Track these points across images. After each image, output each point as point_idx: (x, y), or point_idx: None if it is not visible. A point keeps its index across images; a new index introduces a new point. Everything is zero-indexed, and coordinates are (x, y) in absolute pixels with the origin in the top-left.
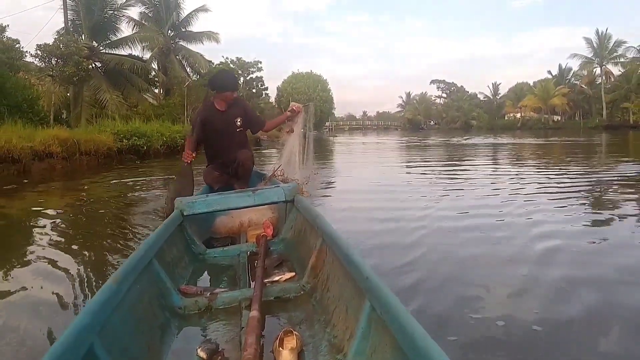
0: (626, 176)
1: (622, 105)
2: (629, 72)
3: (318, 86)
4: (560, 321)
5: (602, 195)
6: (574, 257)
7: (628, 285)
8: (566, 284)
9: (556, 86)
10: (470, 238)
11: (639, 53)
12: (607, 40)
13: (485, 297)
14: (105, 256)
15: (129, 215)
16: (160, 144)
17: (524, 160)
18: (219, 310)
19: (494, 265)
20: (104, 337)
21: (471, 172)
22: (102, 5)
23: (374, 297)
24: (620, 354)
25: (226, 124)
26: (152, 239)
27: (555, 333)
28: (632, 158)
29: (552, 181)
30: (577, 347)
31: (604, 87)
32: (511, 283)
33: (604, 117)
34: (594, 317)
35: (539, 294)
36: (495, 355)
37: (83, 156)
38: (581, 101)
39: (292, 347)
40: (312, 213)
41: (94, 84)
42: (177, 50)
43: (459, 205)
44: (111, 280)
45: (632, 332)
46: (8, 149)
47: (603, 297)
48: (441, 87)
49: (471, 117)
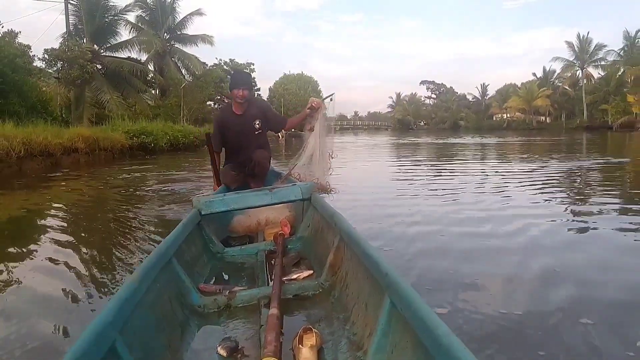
0: (584, 167)
1: (600, 107)
2: (609, 75)
3: (309, 87)
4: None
5: (562, 180)
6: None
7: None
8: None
9: (540, 88)
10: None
11: (619, 56)
12: (587, 44)
13: (457, 254)
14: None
15: (141, 196)
16: (164, 142)
17: (497, 156)
18: (238, 308)
19: (467, 233)
20: (126, 334)
21: (454, 169)
22: (103, 11)
23: (394, 293)
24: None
25: (243, 126)
26: (171, 238)
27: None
28: (586, 154)
29: (517, 173)
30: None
31: (584, 89)
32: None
33: (585, 118)
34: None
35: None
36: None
37: (101, 151)
38: (565, 103)
39: (311, 344)
40: (329, 211)
41: (95, 85)
42: (172, 53)
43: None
44: (132, 279)
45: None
46: (45, 145)
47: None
48: (431, 88)
49: (459, 118)
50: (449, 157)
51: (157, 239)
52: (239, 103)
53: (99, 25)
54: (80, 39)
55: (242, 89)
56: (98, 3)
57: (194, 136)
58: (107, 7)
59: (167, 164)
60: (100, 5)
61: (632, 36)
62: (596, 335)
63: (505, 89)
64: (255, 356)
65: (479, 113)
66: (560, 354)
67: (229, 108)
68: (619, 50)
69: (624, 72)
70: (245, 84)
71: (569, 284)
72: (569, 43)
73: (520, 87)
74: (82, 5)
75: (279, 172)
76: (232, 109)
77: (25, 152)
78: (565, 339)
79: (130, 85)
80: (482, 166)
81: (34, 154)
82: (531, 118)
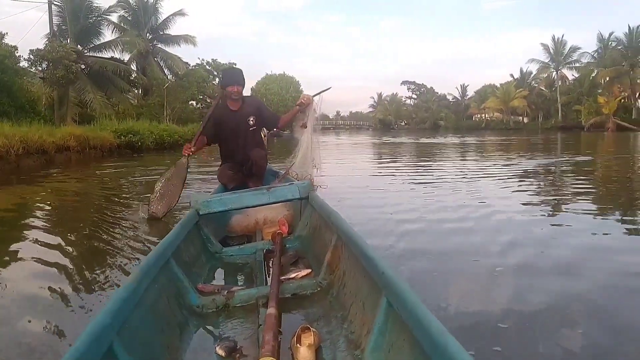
0: (546, 164)
1: (574, 107)
2: (582, 77)
3: (290, 87)
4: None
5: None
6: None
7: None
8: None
9: (517, 89)
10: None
11: (593, 59)
12: (562, 46)
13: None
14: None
15: (127, 188)
16: (150, 141)
17: (470, 154)
18: (236, 308)
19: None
20: (123, 336)
21: (432, 166)
22: (87, 12)
23: (390, 293)
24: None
25: (239, 123)
26: (169, 238)
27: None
28: (542, 153)
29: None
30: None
31: (559, 90)
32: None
33: (559, 118)
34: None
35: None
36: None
37: (92, 150)
38: (541, 103)
39: (309, 343)
40: (327, 210)
41: (79, 85)
42: (155, 53)
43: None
44: (130, 280)
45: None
46: (40, 143)
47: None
48: (411, 88)
49: (439, 118)
50: (428, 155)
51: (144, 229)
52: (234, 99)
53: (82, 25)
54: (64, 39)
55: (236, 85)
56: (82, 4)
57: (179, 135)
58: (91, 8)
59: (154, 161)
60: (84, 6)
61: (606, 39)
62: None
63: (484, 90)
64: (254, 356)
65: (459, 113)
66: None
67: (224, 104)
68: (592, 53)
69: (597, 74)
70: (238, 80)
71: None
72: (544, 45)
73: (499, 87)
74: (66, 6)
75: (276, 171)
76: (227, 106)
77: (23, 150)
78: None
79: (114, 85)
80: (457, 164)
81: (31, 152)
82: (509, 118)
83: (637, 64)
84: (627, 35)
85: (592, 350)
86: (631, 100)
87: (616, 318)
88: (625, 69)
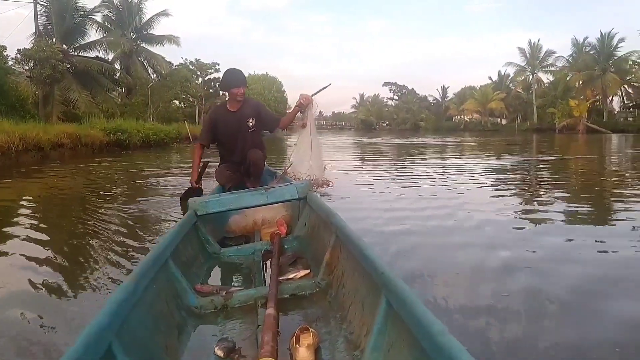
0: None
1: (548, 110)
2: (557, 80)
3: (273, 87)
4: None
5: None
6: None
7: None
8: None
9: (494, 91)
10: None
11: (567, 62)
12: (538, 50)
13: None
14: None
15: (118, 180)
16: (137, 139)
17: (446, 153)
18: (234, 308)
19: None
20: (122, 336)
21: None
22: (72, 12)
23: (389, 292)
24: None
25: (238, 124)
26: (167, 239)
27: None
28: (510, 152)
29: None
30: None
31: (535, 93)
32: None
33: (535, 120)
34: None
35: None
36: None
37: (83, 147)
38: (518, 106)
39: (308, 344)
40: (325, 210)
41: (65, 84)
42: (139, 52)
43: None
44: (128, 281)
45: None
46: (38, 140)
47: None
48: (393, 89)
49: (420, 119)
50: (407, 154)
51: (134, 213)
52: (238, 101)
53: (68, 25)
54: (50, 38)
55: (242, 86)
56: (68, 4)
57: (164, 134)
58: (76, 8)
59: (141, 158)
60: (70, 6)
61: (580, 43)
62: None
63: (463, 92)
64: (253, 356)
65: (439, 114)
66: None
67: (223, 106)
68: (567, 57)
69: (571, 77)
70: (242, 82)
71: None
72: (520, 49)
73: (477, 90)
74: (52, 6)
75: (274, 172)
76: (227, 107)
77: (22, 146)
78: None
79: (98, 84)
80: (434, 162)
81: (29, 149)
82: (487, 120)
83: (608, 68)
84: (599, 41)
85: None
86: (603, 103)
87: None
88: (597, 73)
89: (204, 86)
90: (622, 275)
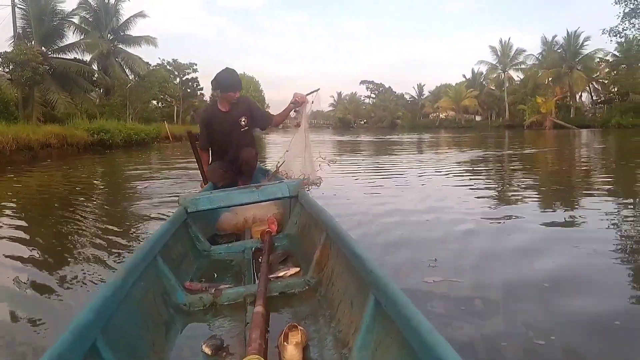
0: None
1: (518, 107)
2: (526, 78)
3: (250, 87)
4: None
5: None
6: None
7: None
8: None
9: (468, 89)
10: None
11: (537, 60)
12: (509, 48)
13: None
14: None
15: (103, 173)
16: (119, 139)
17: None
18: (223, 306)
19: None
20: (107, 333)
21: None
22: (51, 15)
23: (378, 291)
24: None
25: (230, 124)
26: (157, 236)
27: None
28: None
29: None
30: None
31: (506, 90)
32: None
33: (507, 117)
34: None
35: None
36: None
37: (69, 146)
38: (491, 103)
39: (297, 341)
40: (316, 208)
41: (44, 86)
42: (117, 53)
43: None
44: (115, 277)
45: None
46: (28, 141)
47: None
48: (370, 88)
49: (397, 117)
50: (385, 151)
51: (120, 210)
52: (231, 103)
53: (47, 28)
54: (29, 41)
55: (237, 91)
56: (46, 7)
57: (145, 134)
58: (54, 11)
59: (123, 156)
60: (48, 9)
61: (549, 42)
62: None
63: (439, 90)
64: (241, 354)
65: (415, 112)
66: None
67: (215, 105)
68: (537, 55)
69: (541, 75)
70: (238, 86)
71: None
72: (492, 48)
73: (452, 87)
74: (30, 9)
75: (266, 170)
76: (218, 107)
77: (15, 146)
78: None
79: (77, 85)
80: (411, 157)
81: (20, 148)
82: (461, 117)
83: (574, 66)
84: (565, 39)
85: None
86: (571, 100)
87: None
88: (564, 70)
89: (181, 86)
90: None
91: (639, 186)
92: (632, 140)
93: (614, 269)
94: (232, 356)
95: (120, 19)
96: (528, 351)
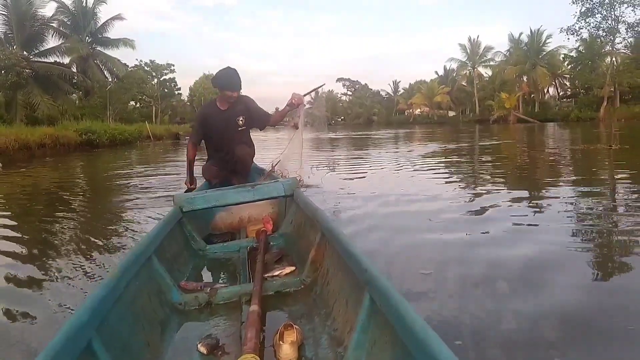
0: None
1: (486, 102)
2: (494, 74)
3: None
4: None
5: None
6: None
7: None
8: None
9: (440, 85)
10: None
11: (505, 57)
12: (477, 46)
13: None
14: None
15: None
16: (105, 138)
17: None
18: (219, 305)
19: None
20: (103, 333)
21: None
22: (32, 20)
23: (373, 290)
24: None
25: (227, 122)
26: (152, 235)
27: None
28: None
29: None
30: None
31: (476, 86)
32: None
33: (477, 112)
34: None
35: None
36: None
37: (61, 146)
38: (463, 99)
39: (292, 340)
40: (312, 207)
41: (27, 89)
42: (95, 56)
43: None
44: (110, 277)
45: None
46: (26, 141)
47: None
48: (347, 85)
49: (373, 113)
50: (364, 145)
51: (112, 208)
52: (230, 101)
53: (29, 33)
54: (11, 46)
55: (237, 91)
56: (27, 13)
57: (128, 134)
58: (35, 16)
59: (110, 155)
60: (29, 14)
61: (516, 39)
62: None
63: (412, 86)
64: (236, 353)
65: (390, 109)
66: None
67: (214, 103)
68: (505, 52)
69: (507, 71)
70: (238, 86)
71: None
72: (461, 45)
73: (426, 84)
74: (12, 15)
75: (262, 169)
76: (217, 104)
77: (16, 146)
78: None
79: (59, 88)
80: (386, 150)
81: (20, 148)
82: (434, 113)
83: (537, 63)
84: (529, 37)
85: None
86: (536, 95)
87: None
88: (527, 67)
89: (159, 87)
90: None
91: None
92: (574, 132)
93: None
94: (228, 355)
95: (98, 22)
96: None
